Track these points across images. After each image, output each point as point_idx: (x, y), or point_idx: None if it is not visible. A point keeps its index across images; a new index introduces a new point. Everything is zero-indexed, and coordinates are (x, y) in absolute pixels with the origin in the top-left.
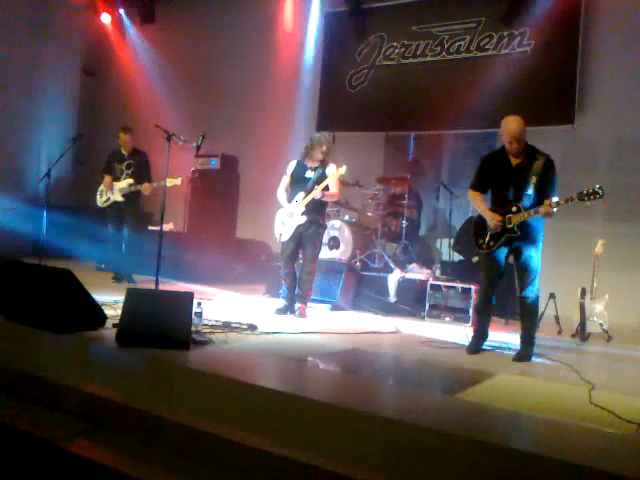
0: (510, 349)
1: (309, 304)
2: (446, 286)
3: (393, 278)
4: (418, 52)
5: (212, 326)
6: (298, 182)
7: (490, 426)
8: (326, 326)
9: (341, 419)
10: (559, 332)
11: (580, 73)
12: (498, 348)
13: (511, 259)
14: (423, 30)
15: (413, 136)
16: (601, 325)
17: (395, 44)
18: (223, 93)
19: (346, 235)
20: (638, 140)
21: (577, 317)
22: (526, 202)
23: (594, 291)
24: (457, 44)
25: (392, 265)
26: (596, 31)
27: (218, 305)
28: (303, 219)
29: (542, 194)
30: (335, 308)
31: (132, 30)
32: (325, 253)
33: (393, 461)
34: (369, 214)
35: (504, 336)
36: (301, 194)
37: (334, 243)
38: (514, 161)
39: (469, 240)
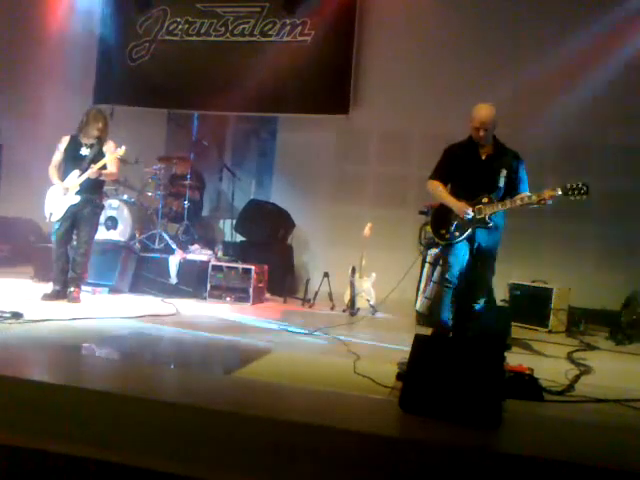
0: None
1: (83, 288)
2: (227, 267)
3: (174, 259)
4: (202, 30)
5: None
6: (72, 159)
7: (263, 401)
8: (102, 311)
9: (118, 406)
10: (332, 308)
11: (355, 65)
12: (279, 328)
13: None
14: (208, 9)
15: (197, 115)
16: (368, 300)
17: (179, 19)
18: None
19: (125, 215)
20: (401, 132)
21: (348, 294)
22: (496, 195)
23: (362, 269)
24: (241, 27)
25: (173, 246)
26: (370, 25)
27: None
28: (77, 198)
29: (511, 188)
30: (112, 291)
31: None
32: (102, 234)
33: (172, 444)
34: (149, 194)
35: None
36: (76, 172)
37: (112, 223)
38: (483, 153)
39: (252, 223)
